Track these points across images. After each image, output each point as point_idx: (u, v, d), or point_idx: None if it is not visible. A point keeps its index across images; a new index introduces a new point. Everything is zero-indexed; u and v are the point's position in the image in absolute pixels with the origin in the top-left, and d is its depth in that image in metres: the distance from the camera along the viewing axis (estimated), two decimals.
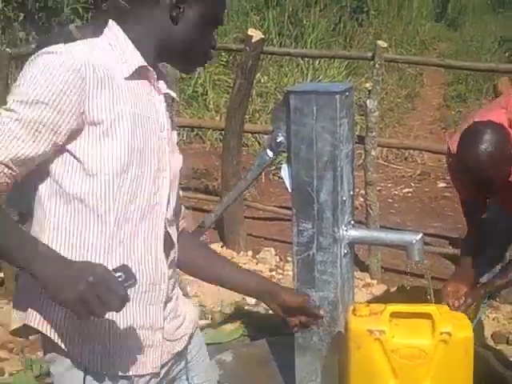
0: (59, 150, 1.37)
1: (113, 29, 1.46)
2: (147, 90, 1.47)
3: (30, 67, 1.36)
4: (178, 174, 1.55)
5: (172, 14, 1.45)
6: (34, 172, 1.38)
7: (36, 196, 1.42)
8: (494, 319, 3.90)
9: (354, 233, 2.36)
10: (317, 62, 9.01)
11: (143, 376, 1.48)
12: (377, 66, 4.31)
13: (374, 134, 4.35)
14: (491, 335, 3.69)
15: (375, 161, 4.66)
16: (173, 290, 1.60)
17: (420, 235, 2.42)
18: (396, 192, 6.55)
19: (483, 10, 15.81)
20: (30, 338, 3.78)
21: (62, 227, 1.39)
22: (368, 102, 4.29)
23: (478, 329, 3.55)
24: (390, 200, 6.23)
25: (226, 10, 1.55)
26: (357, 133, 4.98)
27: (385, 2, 13.45)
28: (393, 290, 4.21)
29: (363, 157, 4.56)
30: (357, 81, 8.67)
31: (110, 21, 1.47)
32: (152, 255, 1.46)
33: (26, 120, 1.31)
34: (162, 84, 1.52)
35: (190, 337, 1.67)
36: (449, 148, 2.73)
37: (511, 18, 14.19)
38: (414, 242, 2.37)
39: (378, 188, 5.53)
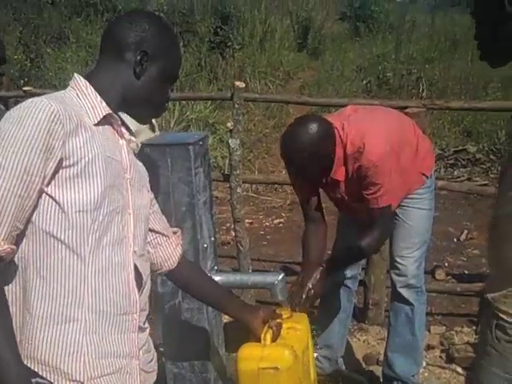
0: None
1: (80, 82, 1.60)
2: (112, 134, 1.62)
3: (8, 120, 1.44)
4: (143, 210, 1.68)
5: (136, 70, 1.61)
6: None
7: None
8: (364, 341, 4.06)
9: (218, 278, 2.42)
10: None
11: None
12: (236, 105, 4.38)
13: (237, 172, 4.42)
14: (362, 358, 3.84)
15: (243, 195, 4.74)
16: (145, 322, 1.67)
17: (281, 275, 2.51)
18: (268, 223, 6.67)
19: (341, 39, 16.50)
20: None
21: (40, 265, 1.46)
22: (230, 141, 4.34)
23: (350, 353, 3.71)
24: (262, 232, 6.33)
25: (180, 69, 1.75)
26: (223, 171, 5.07)
27: (247, 35, 13.80)
28: None
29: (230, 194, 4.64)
30: (224, 114, 8.82)
31: (76, 74, 1.62)
32: (124, 285, 1.55)
33: (16, 171, 1.39)
34: (124, 130, 1.67)
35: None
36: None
37: (367, 46, 14.95)
38: (276, 282, 2.46)
39: (250, 220, 5.62)
